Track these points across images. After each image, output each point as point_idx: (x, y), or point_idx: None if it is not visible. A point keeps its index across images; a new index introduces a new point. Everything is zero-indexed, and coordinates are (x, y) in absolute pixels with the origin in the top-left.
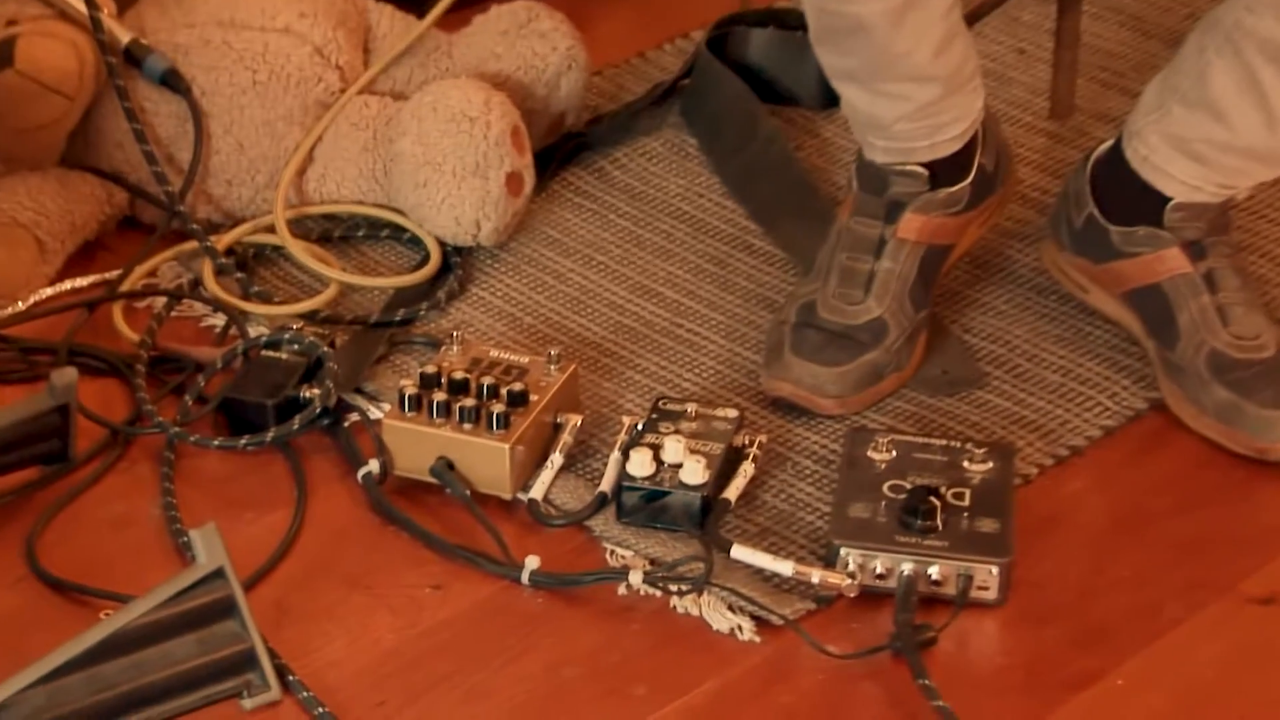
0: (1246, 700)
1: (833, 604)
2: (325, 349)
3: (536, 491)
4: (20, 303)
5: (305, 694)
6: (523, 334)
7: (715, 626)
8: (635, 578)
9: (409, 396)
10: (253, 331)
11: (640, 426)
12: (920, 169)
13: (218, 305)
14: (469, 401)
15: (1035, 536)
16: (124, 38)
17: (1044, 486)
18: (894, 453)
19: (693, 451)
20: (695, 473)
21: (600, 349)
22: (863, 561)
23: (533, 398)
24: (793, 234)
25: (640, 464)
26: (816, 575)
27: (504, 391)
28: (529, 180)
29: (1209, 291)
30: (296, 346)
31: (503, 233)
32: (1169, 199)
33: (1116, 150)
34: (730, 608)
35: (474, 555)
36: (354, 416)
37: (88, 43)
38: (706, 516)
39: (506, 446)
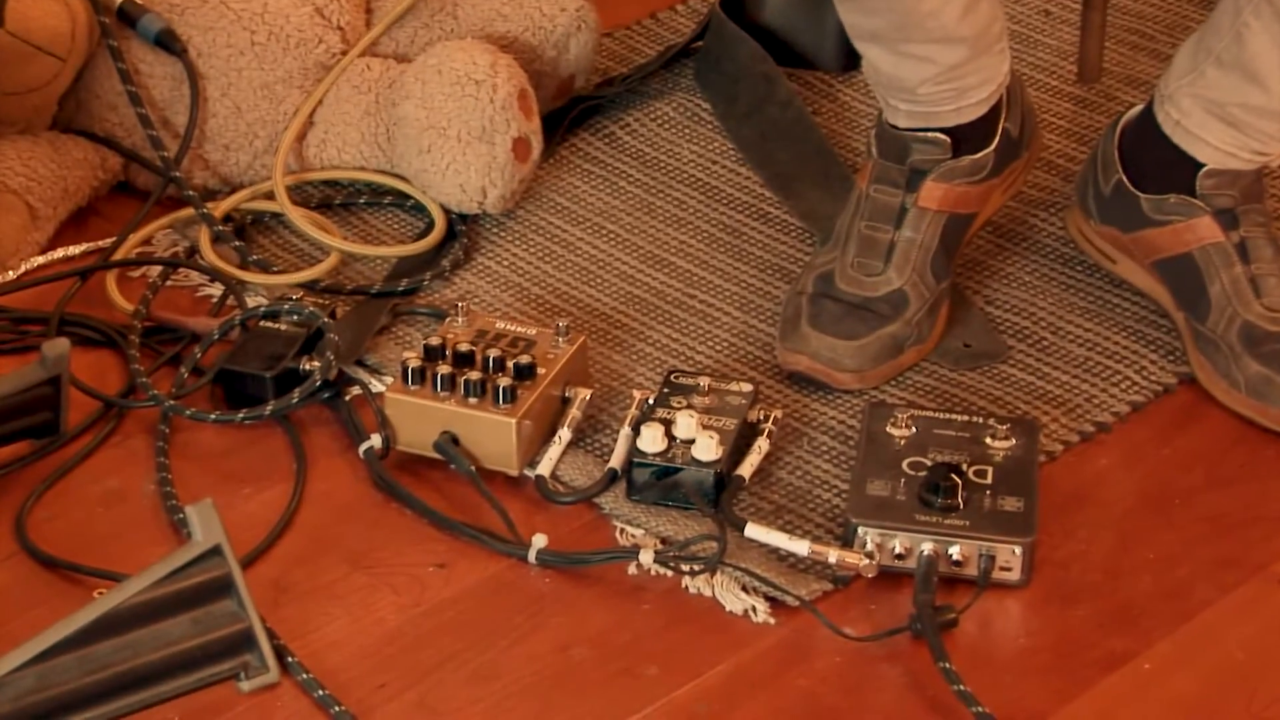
0: (1279, 683)
1: (850, 584)
2: (325, 320)
3: (544, 468)
4: (11, 271)
5: (305, 675)
6: (530, 305)
7: (729, 607)
8: (646, 557)
9: (412, 369)
10: (251, 301)
11: (651, 401)
12: (942, 136)
13: (215, 274)
14: (474, 374)
15: (1060, 515)
16: None
17: (1069, 464)
18: (914, 428)
19: (706, 427)
20: (708, 449)
21: (610, 320)
22: (881, 541)
23: (540, 371)
24: (810, 202)
25: (651, 439)
26: (833, 555)
27: (510, 364)
28: (537, 145)
29: (1241, 262)
30: (296, 317)
31: (509, 200)
32: (1201, 165)
33: (1147, 115)
34: (744, 588)
35: (479, 533)
36: (355, 389)
37: (80, 2)
38: (720, 494)
39: (513, 421)
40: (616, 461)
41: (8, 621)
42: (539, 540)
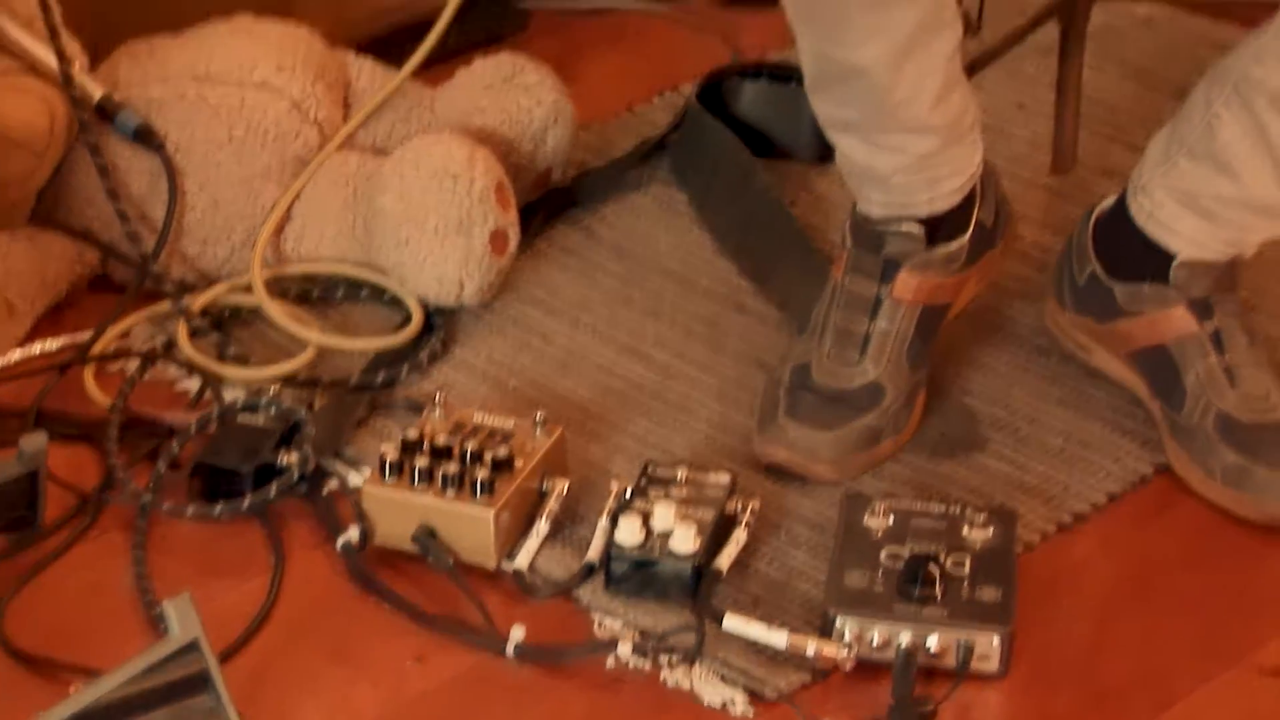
0: None
1: (829, 676)
2: (303, 413)
3: (522, 560)
4: None
5: None
6: (508, 397)
7: (707, 700)
8: (624, 649)
9: (390, 462)
10: (228, 395)
11: (629, 492)
12: (917, 226)
13: (192, 368)
14: (452, 467)
15: (1039, 605)
16: (96, 93)
17: (1047, 553)
18: (891, 519)
19: (683, 518)
20: (686, 540)
21: (588, 412)
22: (860, 631)
23: (518, 463)
24: (786, 292)
25: (629, 531)
26: (812, 646)
27: (488, 457)
28: (514, 238)
29: (1216, 352)
30: (273, 410)
31: (487, 292)
32: (1175, 255)
33: (1120, 206)
34: (723, 680)
35: (457, 627)
36: (333, 482)
37: (58, 97)
38: (698, 586)
39: (490, 515)
40: (594, 554)
41: None
42: (517, 633)
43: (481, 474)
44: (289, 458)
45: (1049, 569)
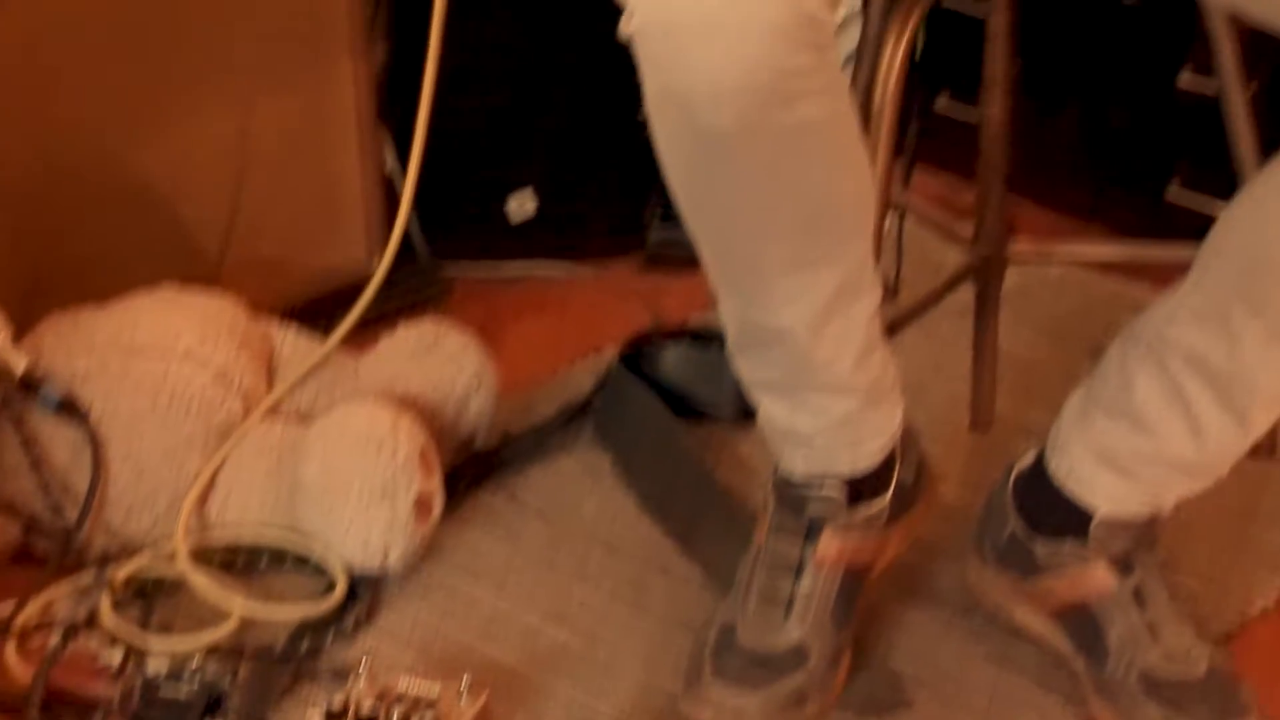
0: None
1: None
2: (227, 683)
3: None
4: None
5: None
6: (432, 663)
7: None
8: None
9: None
10: (152, 665)
11: None
12: (838, 489)
13: (115, 639)
14: None
15: None
16: (20, 366)
17: None
18: None
19: None
20: None
21: (514, 676)
22: None
23: None
24: (710, 553)
25: None
26: None
27: None
28: (438, 504)
29: (1138, 608)
30: (197, 681)
31: (411, 558)
32: (1094, 513)
33: (1039, 464)
34: None
35: None
36: None
37: None
38: None
39: None
40: None
41: None
42: None
43: None
44: None
45: None
